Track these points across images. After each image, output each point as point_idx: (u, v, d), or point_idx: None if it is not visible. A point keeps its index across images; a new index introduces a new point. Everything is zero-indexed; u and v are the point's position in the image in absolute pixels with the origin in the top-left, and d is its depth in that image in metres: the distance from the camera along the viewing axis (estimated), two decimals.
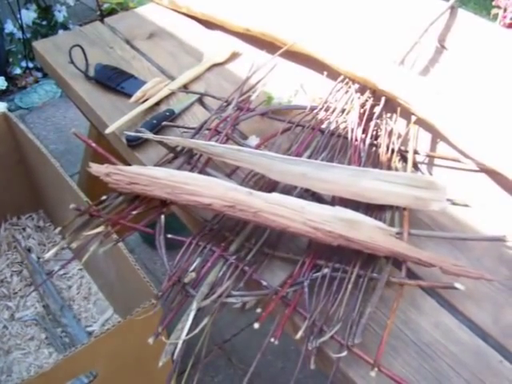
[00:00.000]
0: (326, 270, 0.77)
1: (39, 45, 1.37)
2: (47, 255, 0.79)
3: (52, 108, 2.55)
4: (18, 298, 1.32)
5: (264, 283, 0.77)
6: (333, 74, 1.12)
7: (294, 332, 0.73)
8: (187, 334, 0.71)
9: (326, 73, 1.13)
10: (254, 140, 0.99)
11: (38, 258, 1.37)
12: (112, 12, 2.95)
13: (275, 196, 0.80)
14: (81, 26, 2.88)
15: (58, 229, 0.79)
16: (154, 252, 1.86)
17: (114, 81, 1.18)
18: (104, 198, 0.84)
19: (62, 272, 1.35)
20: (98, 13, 3.04)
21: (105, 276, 1.22)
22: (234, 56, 1.26)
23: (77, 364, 0.92)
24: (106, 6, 3.00)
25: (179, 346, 0.71)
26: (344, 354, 0.69)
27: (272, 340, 0.71)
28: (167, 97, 1.14)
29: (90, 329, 1.23)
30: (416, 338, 0.73)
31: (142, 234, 1.75)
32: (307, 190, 0.89)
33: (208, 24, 1.36)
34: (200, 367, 0.73)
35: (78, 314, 1.27)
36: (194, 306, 0.73)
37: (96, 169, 0.84)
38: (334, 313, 0.73)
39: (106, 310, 1.26)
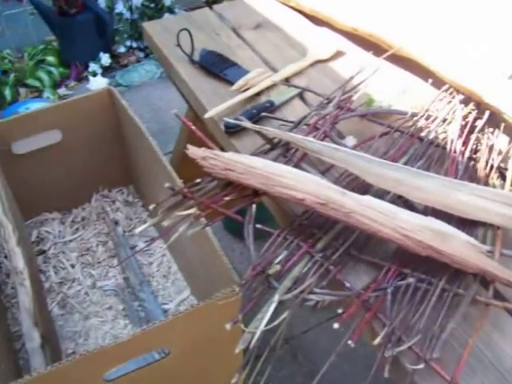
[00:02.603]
0: (410, 280, 0.76)
1: (148, 26, 1.40)
2: (138, 229, 0.81)
3: (150, 88, 2.61)
4: (101, 267, 1.36)
5: (347, 284, 0.77)
6: (437, 83, 1.10)
7: (371, 337, 0.72)
8: (266, 325, 0.71)
9: (430, 80, 1.10)
10: (350, 140, 0.98)
11: (124, 231, 1.41)
12: (217, 0, 2.99)
13: (368, 199, 0.79)
14: (186, 11, 2.95)
15: (152, 205, 0.80)
16: (234, 240, 1.88)
17: (217, 67, 1.19)
18: (198, 180, 0.85)
19: (144, 248, 1.38)
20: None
21: (186, 257, 1.24)
22: (338, 54, 1.25)
23: (152, 339, 0.94)
24: None
25: (257, 335, 0.71)
26: (421, 366, 0.67)
27: (349, 342, 0.70)
28: (268, 88, 1.15)
29: (165, 306, 1.26)
30: (497, 362, 0.71)
31: (224, 220, 1.77)
32: (400, 197, 0.87)
33: (315, 20, 1.35)
34: (272, 359, 0.74)
35: (156, 290, 1.29)
36: (276, 299, 0.73)
37: (193, 151, 0.86)
38: (415, 324, 0.72)
39: (183, 291, 1.28)
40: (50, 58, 2.72)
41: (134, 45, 2.84)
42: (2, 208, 1.11)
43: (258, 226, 0.81)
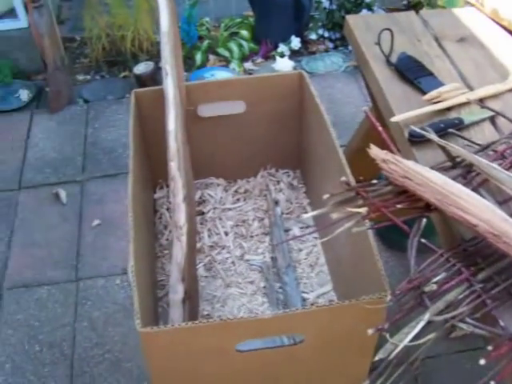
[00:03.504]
0: None
1: (351, 19, 1.41)
2: (305, 215, 0.83)
3: (332, 79, 2.62)
4: (252, 241, 1.39)
5: (501, 323, 0.74)
6: None
7: None
8: (410, 341, 0.71)
9: None
10: None
11: (282, 212, 1.43)
12: (417, 5, 2.94)
13: None
14: (384, 10, 2.93)
15: (326, 195, 0.81)
16: (382, 247, 1.85)
17: (413, 73, 1.18)
18: (374, 181, 0.85)
19: (297, 233, 1.39)
20: (405, 2, 3.05)
21: (337, 253, 1.24)
22: None
23: (291, 324, 0.95)
24: None
25: (399, 348, 0.70)
26: None
27: (492, 383, 0.68)
28: (460, 105, 1.11)
29: (304, 295, 1.26)
30: None
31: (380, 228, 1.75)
32: None
33: None
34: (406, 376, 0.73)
35: (300, 277, 1.30)
36: (426, 317, 0.72)
37: (375, 152, 0.85)
38: None
39: (325, 285, 1.28)
40: (244, 32, 2.81)
41: (326, 34, 2.86)
42: (178, 163, 1.17)
43: (424, 240, 0.80)
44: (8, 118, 2.46)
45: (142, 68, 2.51)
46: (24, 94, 2.54)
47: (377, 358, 0.70)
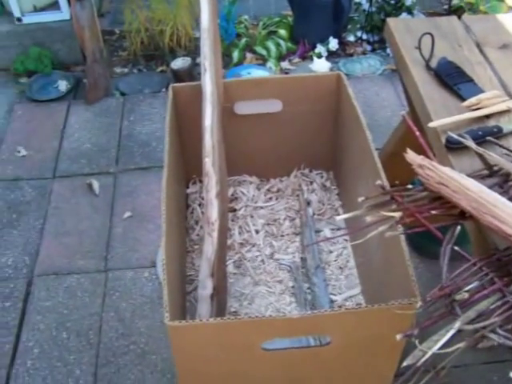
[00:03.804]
0: None
1: (392, 22, 1.40)
2: (339, 217, 0.83)
3: (369, 82, 2.60)
4: (283, 241, 1.39)
5: None
6: None
7: None
8: (439, 349, 0.70)
9: None
10: None
11: (313, 213, 1.43)
12: (458, 10, 2.90)
13: None
14: (424, 14, 2.90)
15: (361, 198, 0.81)
16: (411, 254, 1.83)
17: (452, 79, 1.17)
18: (410, 186, 0.84)
19: (328, 235, 1.39)
20: (446, 7, 3.02)
21: (368, 256, 1.24)
22: None
23: (318, 325, 0.95)
24: (454, 1, 2.95)
25: (428, 355, 0.70)
26: None
27: None
28: (500, 113, 1.10)
29: (332, 297, 1.26)
30: None
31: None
32: None
33: None
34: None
35: (328, 279, 1.30)
36: (457, 326, 0.71)
37: (412, 157, 0.85)
38: None
39: (354, 288, 1.28)
40: (282, 32, 2.81)
41: (364, 36, 2.84)
42: (213, 159, 1.17)
43: (457, 248, 0.79)
44: (46, 108, 2.50)
45: (179, 63, 2.52)
46: (62, 85, 2.58)
47: (405, 364, 0.70)
